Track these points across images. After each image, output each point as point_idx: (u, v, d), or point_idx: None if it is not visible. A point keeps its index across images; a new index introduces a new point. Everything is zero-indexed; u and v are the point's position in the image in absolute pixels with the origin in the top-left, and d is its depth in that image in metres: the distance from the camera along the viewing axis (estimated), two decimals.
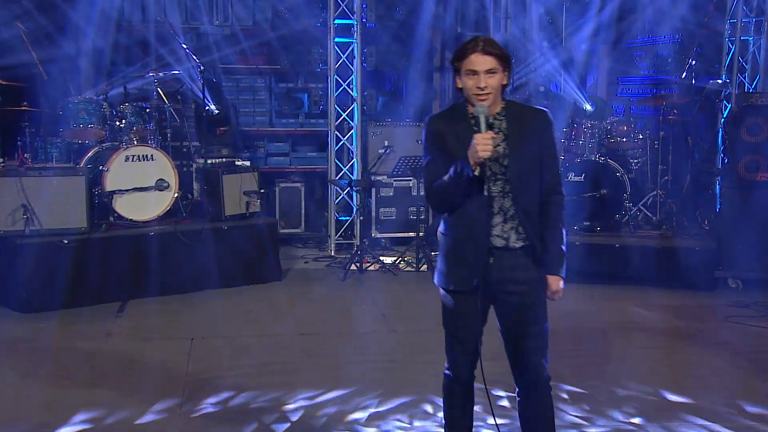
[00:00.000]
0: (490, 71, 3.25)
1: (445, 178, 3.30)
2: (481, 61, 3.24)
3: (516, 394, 3.59)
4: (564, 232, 3.44)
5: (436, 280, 3.50)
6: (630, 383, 5.07)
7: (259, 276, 7.68)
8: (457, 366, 3.53)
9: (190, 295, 7.20)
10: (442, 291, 3.49)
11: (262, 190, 8.00)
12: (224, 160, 8.33)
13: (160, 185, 7.43)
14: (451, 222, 3.41)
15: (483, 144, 3.16)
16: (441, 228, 3.49)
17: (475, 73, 3.25)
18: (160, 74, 8.09)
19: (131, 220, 7.31)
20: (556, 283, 3.40)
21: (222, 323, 6.46)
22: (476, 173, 3.22)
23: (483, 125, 3.21)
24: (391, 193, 9.29)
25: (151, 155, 7.43)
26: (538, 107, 3.47)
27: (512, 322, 3.42)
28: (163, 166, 7.45)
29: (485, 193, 3.27)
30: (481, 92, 3.25)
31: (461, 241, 3.37)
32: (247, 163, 8.26)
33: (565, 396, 4.83)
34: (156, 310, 6.77)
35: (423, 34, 10.25)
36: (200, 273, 7.33)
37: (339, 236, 9.12)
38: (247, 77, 9.90)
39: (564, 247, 3.41)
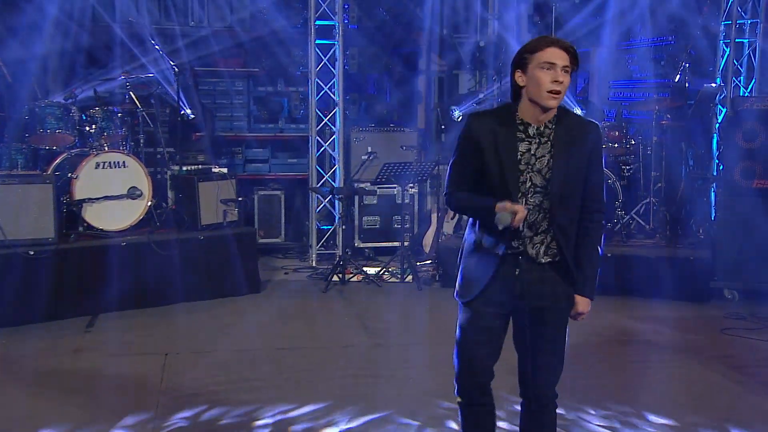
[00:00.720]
0: (565, 68, 3.22)
1: (475, 203, 3.31)
2: (559, 56, 3.21)
3: (520, 405, 3.59)
4: (600, 253, 3.42)
5: (458, 291, 3.47)
6: (621, 399, 5.07)
7: (237, 288, 7.66)
8: (465, 386, 3.48)
9: (165, 308, 7.16)
10: (459, 303, 3.46)
11: (240, 198, 7.97)
12: (200, 166, 8.26)
13: (133, 193, 7.38)
14: (479, 231, 3.38)
15: (518, 220, 3.18)
16: (466, 235, 3.48)
17: (552, 66, 3.20)
18: (133, 77, 8.04)
19: (102, 230, 7.25)
20: (585, 305, 3.39)
21: (198, 338, 6.43)
22: (500, 227, 3.21)
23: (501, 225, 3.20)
24: (375, 201, 9.30)
25: (123, 162, 7.39)
26: (590, 120, 3.44)
27: (531, 336, 3.40)
28: (135, 174, 7.41)
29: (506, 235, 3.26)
30: (557, 87, 3.20)
31: (488, 252, 3.34)
32: (225, 170, 8.21)
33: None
34: (128, 325, 6.72)
35: (407, 36, 10.27)
36: (175, 285, 7.29)
37: (320, 246, 9.11)
38: (224, 80, 9.88)
39: (599, 270, 3.41)
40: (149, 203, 7.45)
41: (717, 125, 8.74)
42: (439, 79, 10.99)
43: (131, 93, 7.95)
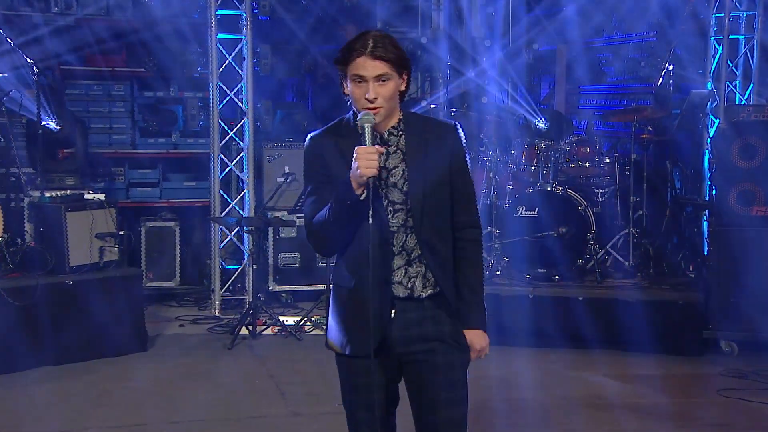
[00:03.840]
0: (380, 78, 3.38)
1: (332, 203, 3.39)
2: (369, 66, 3.36)
3: None
4: (483, 275, 3.63)
5: (327, 342, 3.62)
6: None
7: (116, 346, 7.54)
8: None
9: (18, 375, 6.97)
10: (336, 357, 3.60)
11: (121, 232, 7.90)
12: (69, 192, 8.09)
13: None
14: (344, 266, 3.52)
15: (366, 159, 3.27)
16: (332, 274, 3.65)
17: (362, 79, 3.38)
18: None
19: None
20: (480, 339, 3.55)
21: (62, 412, 6.25)
22: (362, 197, 3.31)
23: (368, 137, 3.33)
24: (294, 234, 9.26)
25: None
26: (446, 120, 3.63)
27: (421, 389, 3.51)
28: None
29: (371, 222, 3.33)
30: (369, 106, 3.37)
31: (356, 290, 3.46)
32: (102, 197, 8.08)
33: None
34: None
35: (333, 30, 10.25)
36: (32, 344, 7.10)
37: (225, 291, 9.06)
38: (100, 84, 9.77)
39: (483, 295, 3.58)
40: None
41: (708, 140, 8.86)
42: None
43: None
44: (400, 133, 3.49)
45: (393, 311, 3.44)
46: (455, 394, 3.50)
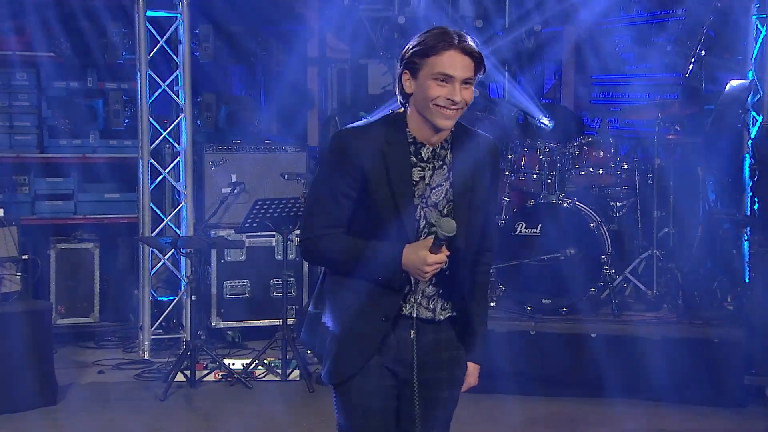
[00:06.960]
0: (467, 81, 3.56)
1: (366, 253, 3.60)
2: (460, 64, 3.53)
3: None
4: (488, 302, 4.04)
5: (324, 375, 3.79)
6: None
7: (16, 400, 7.43)
8: None
9: None
10: (335, 391, 3.79)
11: (24, 256, 7.93)
12: None
13: None
14: (351, 286, 3.69)
15: (432, 268, 3.55)
16: (327, 291, 3.79)
17: (449, 79, 3.52)
18: None
19: None
20: (476, 375, 3.93)
21: None
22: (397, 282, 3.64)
23: (441, 245, 3.54)
24: (243, 258, 9.27)
25: None
26: (488, 136, 3.83)
27: (420, 420, 3.73)
28: None
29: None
30: (453, 106, 3.55)
31: (365, 312, 3.68)
32: (0, 212, 8.05)
33: None
34: None
35: (289, 6, 10.18)
36: None
37: (157, 328, 9.06)
38: None
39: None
40: None
41: (749, 141, 8.81)
42: (340, 72, 11.16)
43: None
44: (449, 146, 3.69)
45: (412, 332, 3.69)
46: (446, 424, 3.89)
